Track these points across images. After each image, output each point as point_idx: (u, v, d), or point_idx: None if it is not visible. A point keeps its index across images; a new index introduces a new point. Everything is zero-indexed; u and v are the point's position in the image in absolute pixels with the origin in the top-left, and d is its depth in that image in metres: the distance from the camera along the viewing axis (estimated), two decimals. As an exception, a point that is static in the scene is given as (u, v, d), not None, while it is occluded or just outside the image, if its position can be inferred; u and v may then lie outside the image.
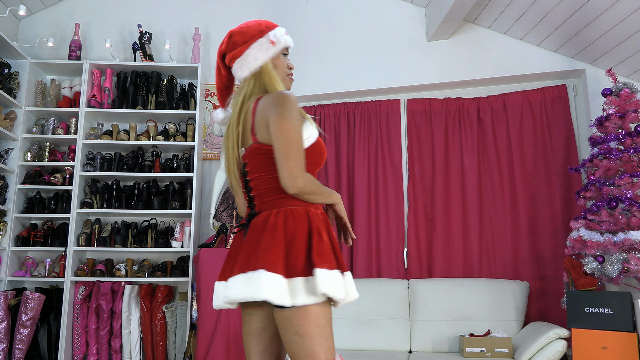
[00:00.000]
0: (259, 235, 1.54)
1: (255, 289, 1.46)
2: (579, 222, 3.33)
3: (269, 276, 1.45)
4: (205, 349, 3.50)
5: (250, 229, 1.59)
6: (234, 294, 1.52)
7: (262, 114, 1.59)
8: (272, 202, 1.59)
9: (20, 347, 3.63)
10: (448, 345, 3.50)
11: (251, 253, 1.52)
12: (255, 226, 1.58)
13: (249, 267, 1.50)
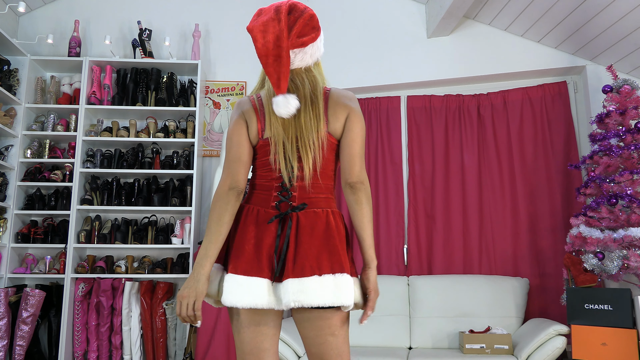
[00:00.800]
0: (334, 234, 1.52)
1: (344, 295, 1.45)
2: (579, 219, 3.34)
3: (351, 281, 1.48)
4: (206, 345, 3.50)
5: (309, 222, 1.52)
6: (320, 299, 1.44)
7: (340, 108, 1.60)
8: (320, 200, 1.57)
9: (21, 344, 3.64)
10: (448, 342, 3.50)
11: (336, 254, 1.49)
12: (319, 223, 1.53)
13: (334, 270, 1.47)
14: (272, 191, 1.57)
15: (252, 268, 1.48)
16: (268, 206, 1.57)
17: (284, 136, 1.56)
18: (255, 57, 4.37)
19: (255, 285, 1.47)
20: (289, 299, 1.44)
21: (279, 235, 1.51)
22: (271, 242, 1.52)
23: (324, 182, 1.59)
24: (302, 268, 1.46)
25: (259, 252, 1.50)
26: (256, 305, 1.46)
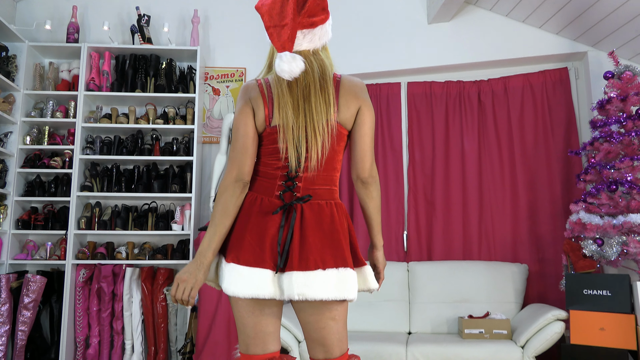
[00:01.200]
0: (337, 228, 1.53)
1: (348, 290, 1.48)
2: (579, 205, 3.34)
3: (354, 275, 1.51)
4: (206, 330, 3.53)
5: (314, 215, 1.52)
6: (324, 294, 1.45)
7: (352, 99, 1.58)
8: (324, 191, 1.57)
9: (23, 329, 3.66)
10: (447, 327, 3.53)
11: (339, 249, 1.51)
12: (324, 215, 1.53)
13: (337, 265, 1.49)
14: (277, 180, 1.55)
15: (255, 259, 1.48)
16: (272, 195, 1.55)
17: (293, 121, 1.52)
18: (255, 42, 4.34)
19: (257, 276, 1.47)
20: (293, 292, 1.45)
21: (283, 226, 1.50)
22: (274, 232, 1.51)
23: (330, 173, 1.58)
24: (306, 261, 1.47)
25: (261, 242, 1.50)
26: (258, 296, 1.47)
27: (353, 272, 1.51)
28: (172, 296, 1.52)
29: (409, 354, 2.99)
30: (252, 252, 1.49)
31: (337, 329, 1.53)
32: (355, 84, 1.61)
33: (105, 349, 3.84)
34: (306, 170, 1.55)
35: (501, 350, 2.93)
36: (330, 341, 1.53)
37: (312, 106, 1.53)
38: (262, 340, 1.54)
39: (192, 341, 3.71)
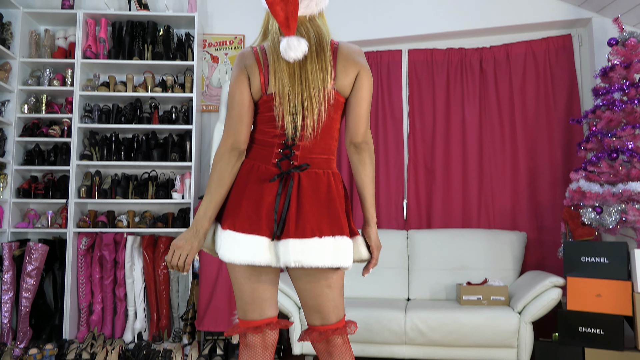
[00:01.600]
0: (334, 196, 1.54)
1: (344, 257, 1.50)
2: (579, 174, 3.34)
3: (350, 244, 1.53)
4: (208, 297, 3.57)
5: (311, 183, 1.53)
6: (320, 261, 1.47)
7: (351, 65, 1.56)
8: (321, 160, 1.57)
9: (27, 296, 3.71)
10: (445, 294, 3.57)
11: (336, 217, 1.51)
12: (321, 184, 1.54)
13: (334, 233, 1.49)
14: (274, 148, 1.56)
15: (251, 226, 1.49)
16: (269, 163, 1.55)
17: (290, 89, 1.52)
18: (254, 9, 4.26)
19: (253, 243, 1.49)
20: (289, 259, 1.47)
21: (279, 194, 1.51)
22: (271, 200, 1.51)
23: (327, 142, 1.58)
24: (303, 229, 1.48)
25: (258, 209, 1.50)
26: (254, 263, 1.49)
27: (349, 240, 1.53)
28: (167, 262, 1.53)
29: (408, 319, 3.03)
30: (249, 219, 1.50)
31: (333, 296, 1.56)
32: (353, 50, 1.59)
33: (109, 315, 3.90)
34: (303, 138, 1.54)
35: (498, 316, 2.97)
36: (327, 308, 1.56)
37: (308, 74, 1.52)
38: (259, 306, 1.57)
39: (193, 307, 3.76)
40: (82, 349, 3.52)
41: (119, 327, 3.92)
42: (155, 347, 3.72)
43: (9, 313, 3.68)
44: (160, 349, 3.56)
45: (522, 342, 2.95)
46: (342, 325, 1.59)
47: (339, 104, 1.58)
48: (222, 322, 3.52)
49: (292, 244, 1.47)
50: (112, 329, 3.93)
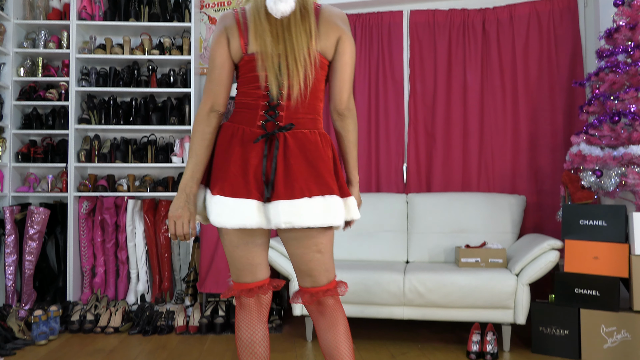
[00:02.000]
0: (321, 155, 1.53)
1: (334, 216, 1.50)
2: (580, 137, 3.33)
3: (340, 202, 1.53)
4: (209, 259, 3.61)
5: (297, 143, 1.52)
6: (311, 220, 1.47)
7: (332, 28, 1.56)
8: (307, 120, 1.56)
9: (30, 259, 3.75)
10: (444, 256, 3.61)
11: (325, 176, 1.51)
12: (308, 143, 1.52)
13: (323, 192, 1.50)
14: (258, 110, 1.55)
15: (240, 190, 1.49)
16: (254, 125, 1.54)
17: (272, 49, 1.51)
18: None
19: (243, 207, 1.48)
20: (280, 220, 1.47)
21: (266, 156, 1.50)
22: (258, 162, 1.51)
23: (313, 102, 1.57)
24: (292, 190, 1.48)
25: (245, 173, 1.50)
26: (245, 226, 1.49)
27: (339, 199, 1.53)
28: (171, 235, 1.55)
29: (407, 281, 3.07)
30: (237, 183, 1.50)
31: (323, 260, 1.58)
32: (335, 14, 1.59)
33: (112, 277, 3.96)
34: (288, 99, 1.54)
35: (496, 278, 3.01)
36: (317, 272, 1.59)
37: (292, 36, 1.52)
38: (251, 270, 1.62)
39: (195, 270, 3.81)
40: (86, 310, 3.58)
41: (121, 290, 3.98)
42: (158, 309, 3.78)
43: (12, 276, 3.73)
44: (163, 310, 3.62)
45: (519, 303, 3.00)
46: (333, 286, 1.61)
47: (323, 65, 1.58)
48: (224, 284, 3.57)
49: (282, 206, 1.47)
50: (115, 291, 3.99)
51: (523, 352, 3.06)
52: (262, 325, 1.63)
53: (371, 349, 3.13)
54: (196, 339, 3.33)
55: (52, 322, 3.30)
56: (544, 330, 3.02)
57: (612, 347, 2.85)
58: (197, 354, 3.01)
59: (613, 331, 2.85)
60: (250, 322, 1.61)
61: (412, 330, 3.57)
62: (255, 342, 1.60)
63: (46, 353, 3.03)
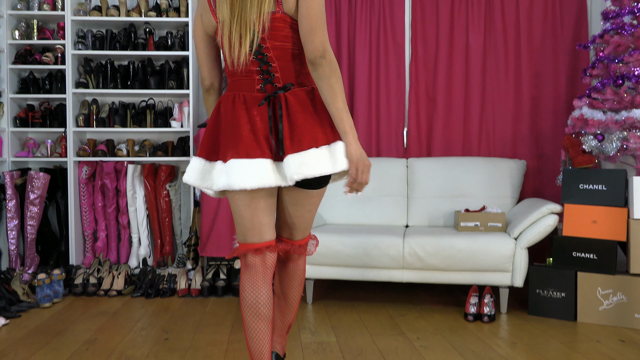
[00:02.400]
0: (319, 108, 1.61)
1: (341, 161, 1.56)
2: (582, 101, 3.29)
3: (343, 146, 1.58)
4: (210, 223, 3.64)
5: (298, 100, 1.58)
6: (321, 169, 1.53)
7: None
8: (304, 76, 1.65)
9: (32, 224, 3.77)
10: (444, 221, 3.63)
11: (320, 127, 1.58)
12: (306, 99, 1.60)
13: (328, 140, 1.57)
14: (254, 75, 1.61)
15: (253, 150, 1.54)
16: (254, 90, 1.60)
17: (229, 17, 1.57)
18: None
19: (260, 166, 1.53)
20: (292, 172, 1.53)
21: (271, 117, 1.57)
22: (265, 123, 1.57)
23: (299, 60, 1.63)
24: (299, 143, 1.54)
25: (255, 134, 1.56)
26: (264, 185, 1.53)
27: (342, 143, 1.59)
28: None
29: (406, 245, 3.10)
30: (250, 145, 1.55)
31: (309, 219, 1.74)
32: None
33: (113, 242, 3.99)
34: (278, 60, 1.59)
35: (494, 242, 3.03)
36: (298, 228, 1.75)
37: (246, 1, 1.55)
38: (259, 230, 1.65)
39: (196, 234, 3.84)
40: (89, 274, 3.62)
41: (123, 254, 4.02)
42: (160, 272, 3.83)
43: (15, 240, 3.76)
44: (164, 273, 3.67)
45: (517, 267, 3.03)
46: (305, 242, 1.80)
47: (292, 24, 1.59)
48: (225, 248, 3.61)
49: (292, 159, 1.54)
50: (117, 255, 4.04)
51: (520, 314, 3.12)
52: (267, 286, 1.65)
53: (371, 311, 3.18)
54: (198, 301, 3.38)
55: (56, 286, 3.35)
56: (541, 292, 3.06)
57: (608, 309, 2.90)
58: (199, 316, 3.06)
59: (609, 294, 2.89)
60: (255, 284, 1.63)
61: (411, 293, 3.62)
62: (260, 304, 1.62)
63: (51, 315, 3.08)
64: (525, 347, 2.55)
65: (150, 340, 2.64)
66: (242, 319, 1.67)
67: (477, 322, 2.96)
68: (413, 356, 2.42)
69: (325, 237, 3.17)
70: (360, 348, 2.53)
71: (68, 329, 2.82)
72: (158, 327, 2.85)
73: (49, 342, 2.62)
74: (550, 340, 2.65)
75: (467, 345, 2.57)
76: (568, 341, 2.63)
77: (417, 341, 2.63)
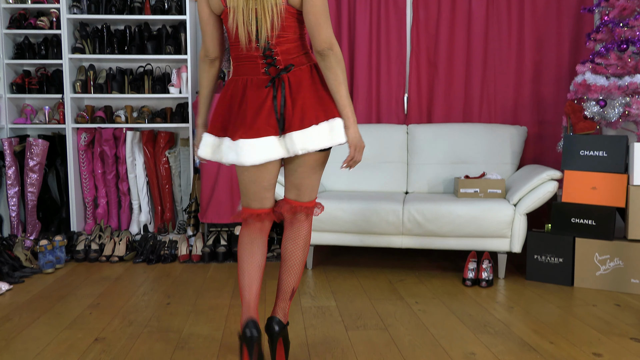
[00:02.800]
0: (318, 86, 1.77)
1: (339, 135, 1.76)
2: (585, 66, 3.25)
3: (341, 122, 1.77)
4: (210, 190, 3.64)
5: (298, 80, 1.74)
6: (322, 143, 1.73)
7: None
8: (302, 57, 1.78)
9: (32, 191, 3.78)
10: (443, 187, 3.64)
11: (326, 103, 1.76)
12: (305, 78, 1.76)
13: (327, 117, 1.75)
14: (258, 59, 1.75)
15: (260, 129, 1.72)
16: (259, 73, 1.76)
17: (244, 4, 1.68)
18: None
19: (267, 143, 1.72)
20: (297, 147, 1.73)
21: (275, 97, 1.73)
22: (270, 104, 1.73)
23: (299, 42, 1.77)
24: (301, 120, 1.72)
25: (262, 114, 1.73)
26: (271, 159, 1.74)
27: (340, 119, 1.77)
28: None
29: (405, 211, 3.11)
30: (257, 125, 1.72)
31: (314, 181, 1.88)
32: None
33: (114, 208, 4.01)
34: (279, 45, 1.73)
35: (493, 208, 3.05)
36: (305, 190, 1.89)
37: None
38: (260, 200, 1.87)
39: (196, 201, 3.85)
40: (91, 240, 3.65)
41: (124, 220, 4.04)
42: (160, 239, 3.86)
43: (16, 207, 3.78)
44: (165, 240, 3.70)
45: (516, 233, 3.05)
46: (311, 205, 1.92)
47: (292, 14, 1.72)
48: (225, 214, 3.62)
49: (296, 135, 1.72)
50: (118, 221, 4.06)
51: (517, 279, 3.15)
52: (262, 243, 1.88)
53: (370, 276, 3.22)
54: (199, 267, 3.42)
55: (58, 252, 3.38)
56: (539, 258, 3.09)
57: (604, 274, 2.93)
58: (200, 281, 3.09)
59: (606, 259, 2.92)
60: (251, 233, 1.87)
61: (410, 258, 3.66)
62: (254, 244, 1.86)
63: (54, 281, 3.12)
64: (522, 311, 2.59)
65: (153, 305, 2.67)
66: (238, 258, 1.87)
67: (475, 287, 2.99)
68: (411, 320, 2.45)
69: (325, 203, 3.18)
70: (359, 312, 2.57)
71: (71, 294, 2.86)
72: (160, 292, 2.89)
73: (53, 306, 2.66)
74: (547, 304, 2.69)
75: (464, 309, 2.61)
76: (564, 305, 2.67)
77: (415, 305, 2.67)
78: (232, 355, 2.07)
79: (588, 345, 2.16)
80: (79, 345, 2.16)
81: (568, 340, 2.21)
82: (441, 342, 2.20)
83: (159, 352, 2.10)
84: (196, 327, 2.37)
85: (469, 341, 2.20)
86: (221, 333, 2.30)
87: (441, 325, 2.39)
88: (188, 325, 2.39)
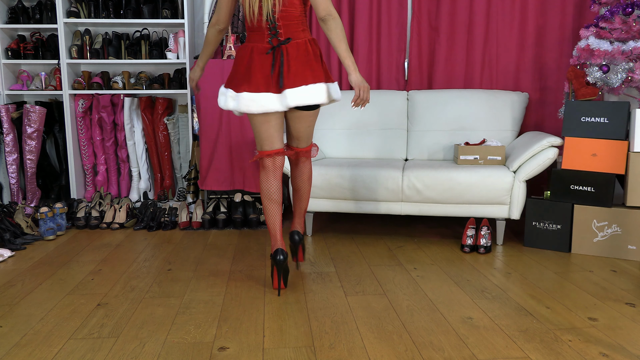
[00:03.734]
0: (311, 57, 2.23)
1: (321, 96, 2.23)
2: (589, 31, 3.20)
3: (325, 87, 2.25)
4: (209, 157, 3.63)
5: (294, 51, 2.20)
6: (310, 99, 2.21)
7: None
8: (299, 32, 2.24)
9: (31, 158, 3.77)
10: (443, 154, 3.63)
11: (315, 70, 2.22)
12: (300, 49, 2.21)
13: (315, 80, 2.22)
14: (264, 31, 2.22)
15: (262, 86, 2.21)
16: (264, 42, 2.23)
17: None
18: None
19: (267, 97, 2.21)
20: (289, 101, 2.22)
21: (274, 63, 2.21)
22: (269, 67, 2.21)
23: (299, 19, 2.24)
24: (294, 81, 2.20)
25: (264, 75, 2.21)
26: (268, 110, 2.23)
27: (324, 85, 2.26)
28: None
29: (405, 178, 3.11)
30: (260, 83, 2.22)
31: (310, 131, 2.44)
32: None
33: (113, 175, 4.01)
34: (282, 19, 2.20)
35: (493, 175, 3.04)
36: (303, 138, 2.45)
37: None
38: (270, 141, 2.34)
39: (196, 168, 3.84)
40: (91, 207, 3.66)
41: (124, 187, 4.04)
42: (161, 206, 3.87)
43: (15, 174, 3.78)
44: (166, 207, 3.71)
45: (515, 199, 3.06)
46: (309, 149, 2.50)
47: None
48: (225, 182, 3.62)
49: (290, 92, 2.21)
50: (118, 188, 4.06)
51: (515, 246, 3.18)
52: (277, 180, 2.36)
53: (369, 242, 3.24)
54: (199, 234, 3.44)
55: (59, 219, 3.40)
56: (537, 225, 3.11)
57: (602, 241, 2.95)
58: (201, 248, 3.12)
59: (604, 225, 2.94)
60: (267, 179, 2.35)
61: (409, 225, 3.68)
62: (271, 191, 2.35)
63: (55, 247, 3.14)
64: (520, 276, 2.62)
65: (154, 271, 2.70)
66: (262, 204, 2.52)
67: (473, 254, 3.02)
68: (410, 285, 2.49)
69: (324, 170, 3.18)
70: (358, 277, 2.60)
71: (73, 261, 2.88)
72: (161, 259, 2.91)
73: (55, 272, 2.69)
74: (544, 270, 2.72)
75: (462, 275, 2.64)
76: (561, 271, 2.70)
77: (414, 271, 2.69)
78: (232, 320, 2.10)
79: (584, 310, 2.19)
80: (81, 310, 2.20)
81: (564, 305, 2.25)
82: (439, 307, 2.23)
83: (161, 317, 2.13)
84: (197, 292, 2.40)
85: (466, 306, 2.23)
86: (222, 298, 2.33)
87: (439, 291, 2.42)
88: (189, 290, 2.43)
